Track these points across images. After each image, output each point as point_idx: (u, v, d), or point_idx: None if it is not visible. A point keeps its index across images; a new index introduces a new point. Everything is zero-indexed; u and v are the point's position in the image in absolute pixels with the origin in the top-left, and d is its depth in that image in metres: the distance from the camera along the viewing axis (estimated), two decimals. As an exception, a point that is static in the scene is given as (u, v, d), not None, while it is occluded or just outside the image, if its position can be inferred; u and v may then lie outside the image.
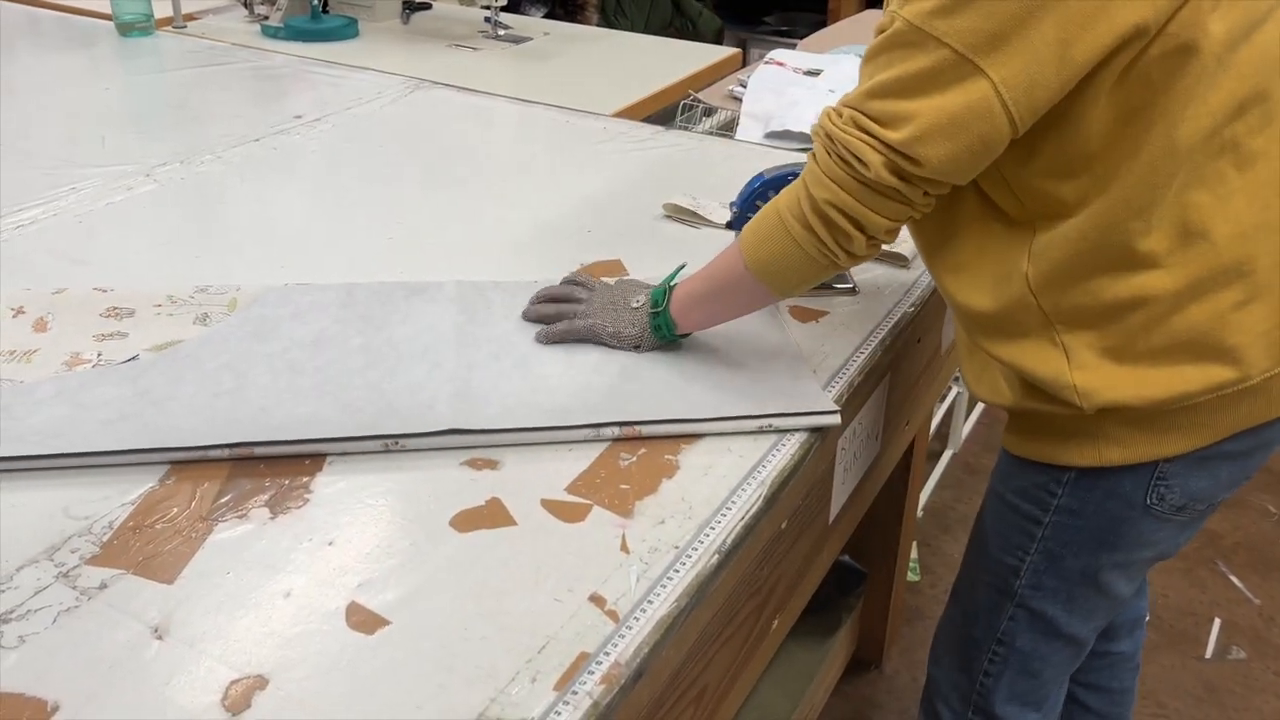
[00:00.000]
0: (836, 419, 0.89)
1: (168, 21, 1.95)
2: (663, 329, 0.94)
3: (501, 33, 1.97)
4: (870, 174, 0.77)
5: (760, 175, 1.03)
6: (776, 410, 0.88)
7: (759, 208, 0.94)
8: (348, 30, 1.94)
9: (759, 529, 0.81)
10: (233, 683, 0.64)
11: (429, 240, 1.19)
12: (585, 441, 0.87)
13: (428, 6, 2.12)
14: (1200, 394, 0.83)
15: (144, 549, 0.74)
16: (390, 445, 0.85)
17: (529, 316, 0.99)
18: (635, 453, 0.86)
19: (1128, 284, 0.80)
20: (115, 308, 1.02)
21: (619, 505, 0.80)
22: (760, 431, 0.87)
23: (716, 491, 0.81)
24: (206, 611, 0.70)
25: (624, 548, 0.76)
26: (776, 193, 0.94)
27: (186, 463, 0.82)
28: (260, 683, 0.64)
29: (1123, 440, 0.88)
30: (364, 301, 1.03)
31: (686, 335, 0.96)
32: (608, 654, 0.67)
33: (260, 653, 0.67)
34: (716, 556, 0.75)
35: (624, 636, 0.69)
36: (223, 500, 0.79)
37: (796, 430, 0.88)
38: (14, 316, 1.00)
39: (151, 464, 0.82)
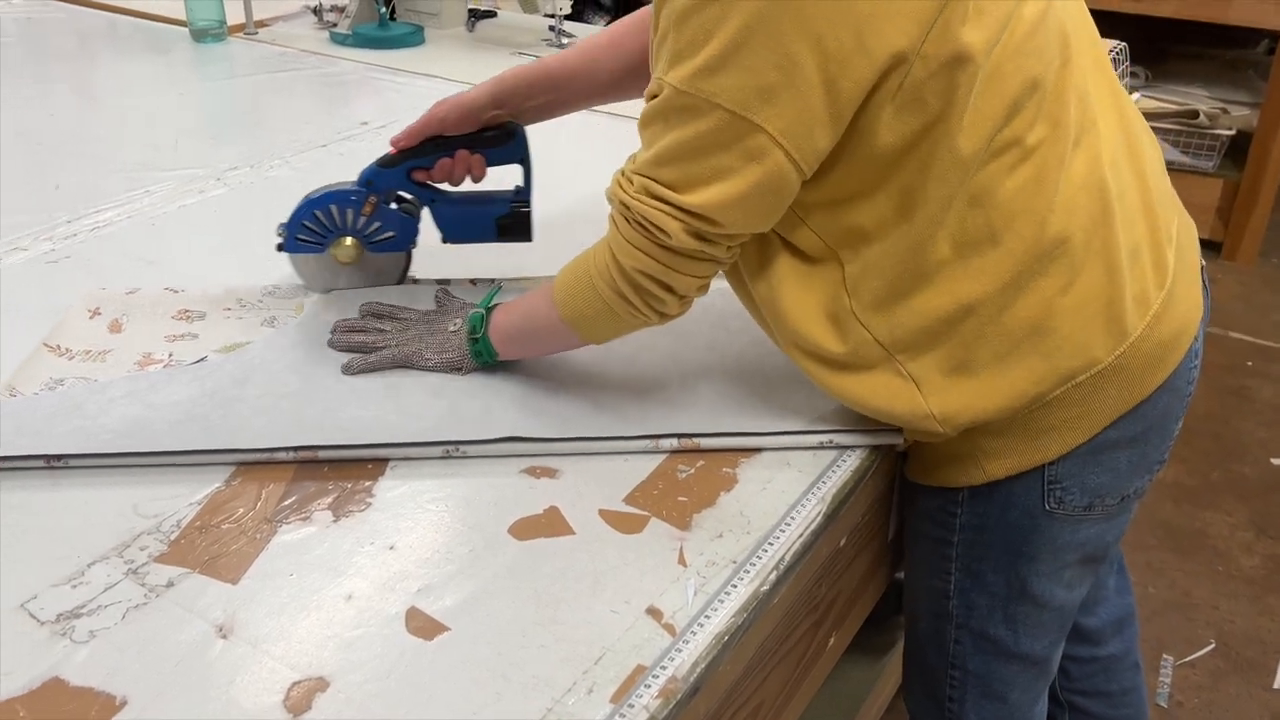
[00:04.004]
0: (899, 437, 0.88)
1: (240, 28, 1.99)
2: (484, 354, 0.94)
3: (565, 41, 1.98)
4: (672, 241, 0.78)
5: (307, 198, 1.03)
6: (839, 426, 0.87)
7: (307, 228, 1.01)
8: (414, 37, 1.96)
9: (818, 545, 0.81)
10: (294, 684, 0.65)
11: (488, 247, 1.20)
12: (643, 452, 0.87)
13: (492, 14, 2.14)
14: (1054, 389, 0.82)
15: (210, 548, 0.76)
16: (451, 451, 0.85)
17: (338, 345, 0.97)
18: (693, 465, 0.86)
19: (949, 294, 0.80)
20: (186, 310, 1.04)
21: (677, 518, 0.80)
22: (821, 447, 0.87)
23: (775, 506, 0.81)
24: (269, 612, 0.71)
25: (681, 560, 0.76)
26: (325, 213, 1.00)
27: (252, 464, 0.84)
28: (321, 684, 0.65)
29: (1000, 452, 0.87)
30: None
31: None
32: (664, 668, 0.67)
33: (321, 655, 0.67)
34: (775, 573, 0.75)
35: (681, 650, 0.68)
36: (287, 502, 0.80)
37: (857, 447, 0.87)
38: (90, 318, 1.02)
39: (218, 464, 0.84)
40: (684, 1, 0.72)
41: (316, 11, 2.06)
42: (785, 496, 0.82)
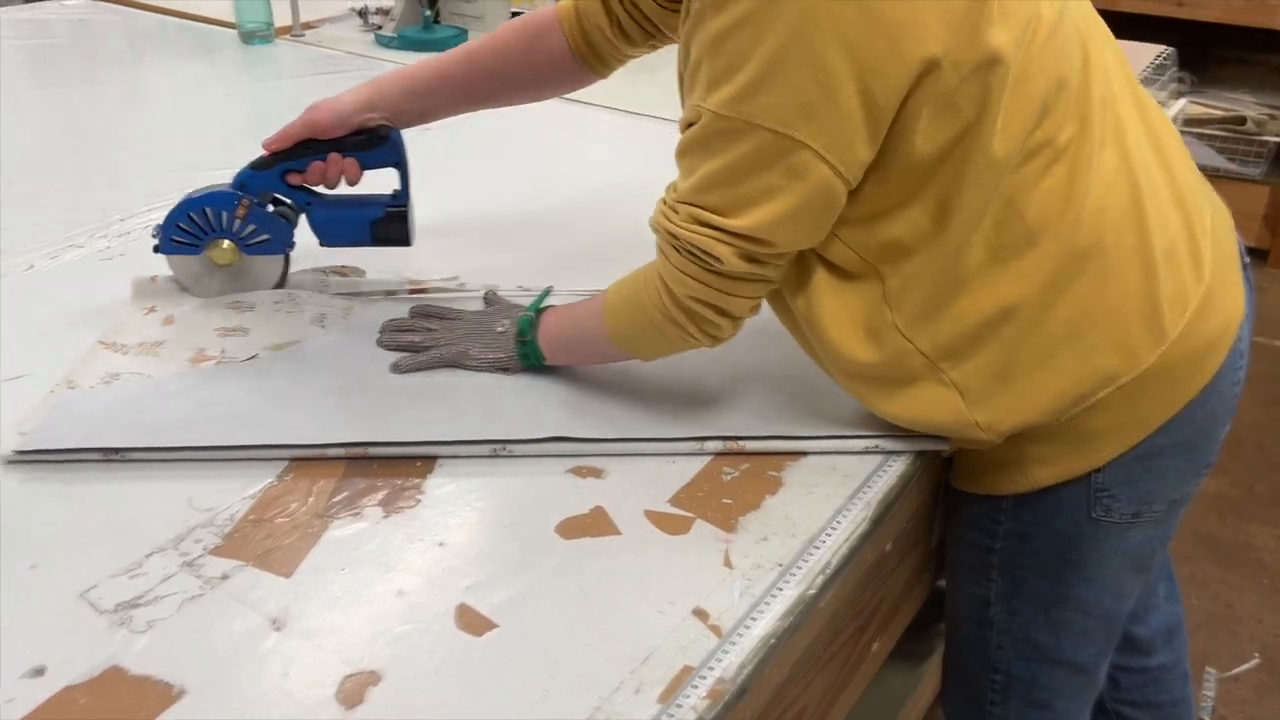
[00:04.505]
0: (945, 444, 0.87)
1: (287, 30, 2.02)
2: (531, 357, 0.94)
3: (607, 44, 1.99)
4: (724, 266, 0.78)
5: (188, 196, 1.03)
6: (884, 431, 0.87)
7: (182, 229, 1.02)
8: (458, 40, 1.98)
9: (864, 551, 0.81)
10: (347, 677, 0.66)
11: (534, 248, 1.21)
12: (688, 454, 0.87)
13: (535, 18, 2.15)
14: (1097, 390, 0.81)
15: (263, 542, 0.77)
16: (498, 450, 0.86)
17: (387, 344, 0.98)
18: (738, 467, 0.86)
19: (989, 299, 0.80)
20: (238, 301, 1.06)
21: (722, 520, 0.80)
22: (866, 452, 0.87)
23: (821, 510, 0.81)
24: (322, 606, 0.72)
25: (727, 563, 0.76)
26: (199, 215, 1.02)
27: (304, 460, 0.85)
28: (373, 678, 0.66)
29: (1047, 459, 0.86)
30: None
31: None
32: (711, 669, 0.67)
33: (373, 649, 0.68)
34: (822, 577, 0.75)
35: (727, 652, 0.69)
36: (338, 498, 0.81)
37: (903, 452, 0.87)
38: (146, 314, 1.04)
39: (270, 460, 0.85)
40: (717, 27, 0.73)
41: (362, 14, 2.08)
42: (831, 501, 0.82)
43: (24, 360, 0.97)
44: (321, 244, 1.06)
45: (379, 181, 1.06)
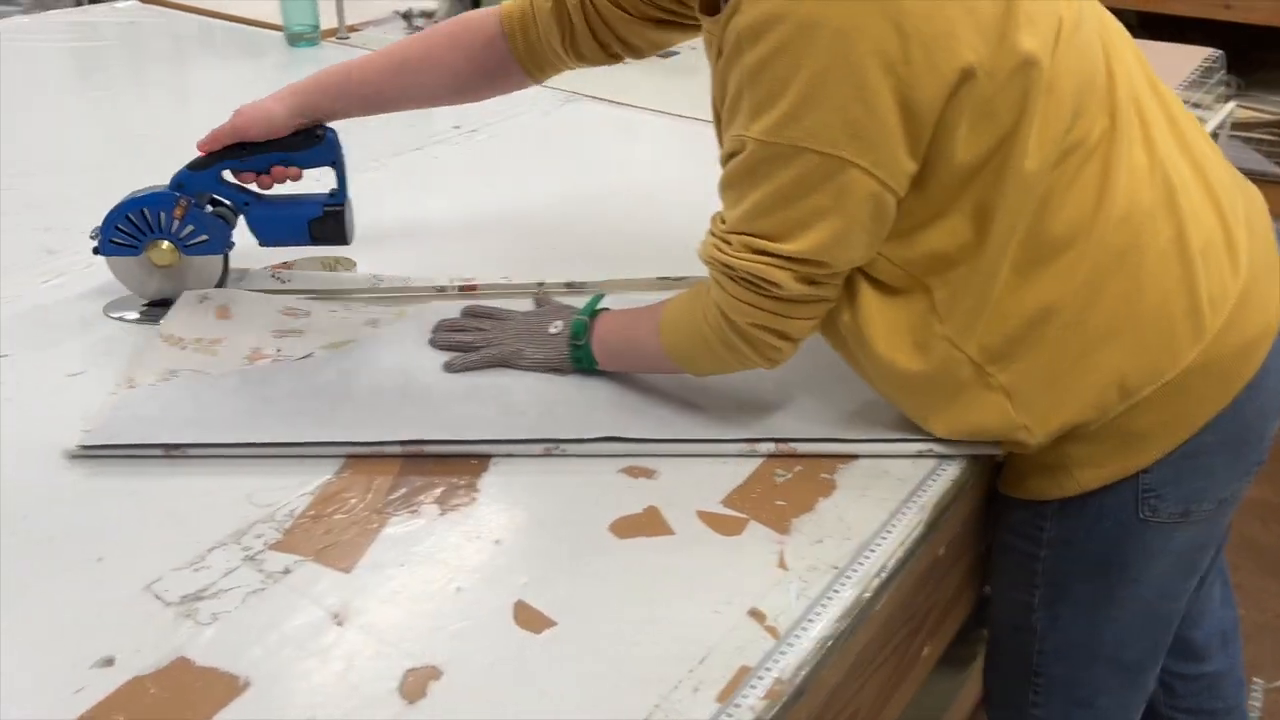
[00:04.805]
0: (998, 448, 0.87)
1: (332, 32, 2.04)
2: (583, 361, 0.94)
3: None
4: (784, 291, 0.79)
5: (127, 197, 1.03)
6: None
7: (120, 230, 1.03)
8: (501, 43, 1.99)
9: (919, 555, 0.80)
10: (409, 671, 0.67)
11: (581, 248, 1.22)
12: (740, 456, 0.87)
13: (577, 20, 2.16)
14: (1142, 387, 0.81)
15: (323, 537, 0.78)
16: (551, 450, 0.87)
17: (440, 344, 0.98)
18: (791, 469, 0.86)
19: (1032, 299, 0.80)
20: (293, 308, 1.07)
21: (775, 521, 0.80)
22: (919, 456, 0.87)
23: (875, 514, 0.81)
24: (382, 601, 0.73)
25: (781, 564, 0.76)
26: (137, 216, 1.02)
27: (361, 457, 0.86)
28: (434, 673, 0.67)
29: (1092, 460, 0.86)
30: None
31: None
32: (769, 669, 0.68)
33: (433, 644, 0.69)
34: (878, 580, 0.75)
35: (784, 654, 0.69)
36: (395, 495, 0.82)
37: (957, 456, 0.87)
38: (200, 303, 1.06)
39: (328, 456, 0.86)
40: (755, 58, 0.74)
41: (406, 17, 2.10)
42: (885, 504, 0.82)
43: (85, 357, 0.99)
44: (260, 244, 1.08)
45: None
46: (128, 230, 1.03)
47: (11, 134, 1.56)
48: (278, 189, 1.06)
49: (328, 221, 1.05)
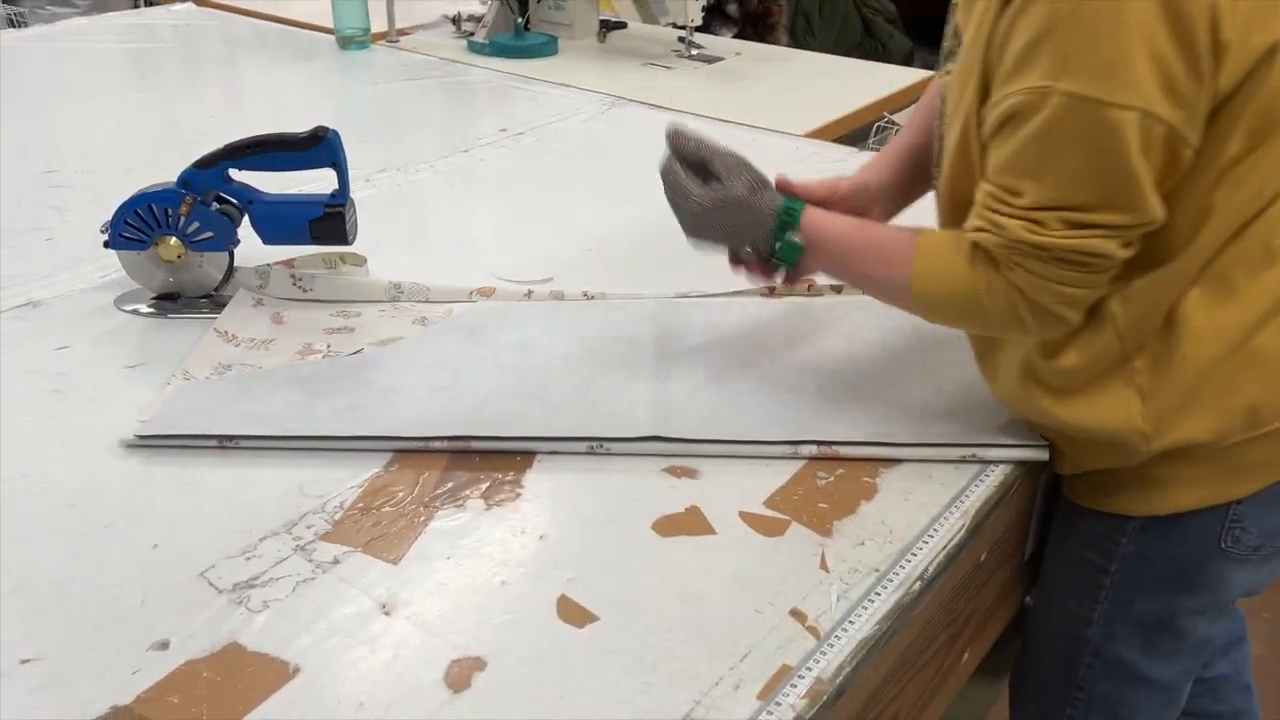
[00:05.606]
0: (1044, 453, 0.87)
1: (383, 36, 2.07)
2: (784, 248, 0.87)
3: (694, 52, 2.01)
4: (1111, 262, 0.75)
5: (136, 194, 1.04)
6: (983, 440, 0.87)
7: (129, 225, 1.05)
8: (548, 48, 2.01)
9: (961, 559, 0.80)
10: (454, 662, 0.68)
11: (623, 251, 1.23)
12: (782, 458, 0.88)
13: (623, 25, 2.18)
14: (1273, 420, 0.80)
15: (372, 529, 0.79)
16: (595, 448, 0.88)
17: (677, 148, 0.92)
18: (833, 472, 0.86)
19: (1215, 311, 0.77)
20: (343, 309, 1.09)
21: (817, 524, 0.81)
22: (963, 461, 0.86)
23: (917, 517, 0.81)
24: (429, 593, 0.74)
25: (823, 566, 0.77)
26: (145, 211, 1.04)
27: (408, 452, 0.87)
28: (479, 664, 0.68)
29: (1194, 481, 0.84)
30: (567, 313, 1.07)
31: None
32: (809, 669, 0.68)
33: (479, 636, 0.70)
34: (919, 583, 0.75)
35: (825, 654, 0.69)
36: (441, 490, 0.83)
37: (1001, 462, 0.86)
38: (254, 306, 1.08)
39: (376, 450, 0.88)
40: (1068, 6, 0.68)
41: (455, 21, 2.13)
42: (927, 508, 0.82)
43: (143, 349, 1.02)
44: (264, 242, 1.09)
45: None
46: (135, 225, 1.06)
47: (71, 131, 1.60)
48: (282, 188, 1.09)
49: (329, 221, 1.07)
